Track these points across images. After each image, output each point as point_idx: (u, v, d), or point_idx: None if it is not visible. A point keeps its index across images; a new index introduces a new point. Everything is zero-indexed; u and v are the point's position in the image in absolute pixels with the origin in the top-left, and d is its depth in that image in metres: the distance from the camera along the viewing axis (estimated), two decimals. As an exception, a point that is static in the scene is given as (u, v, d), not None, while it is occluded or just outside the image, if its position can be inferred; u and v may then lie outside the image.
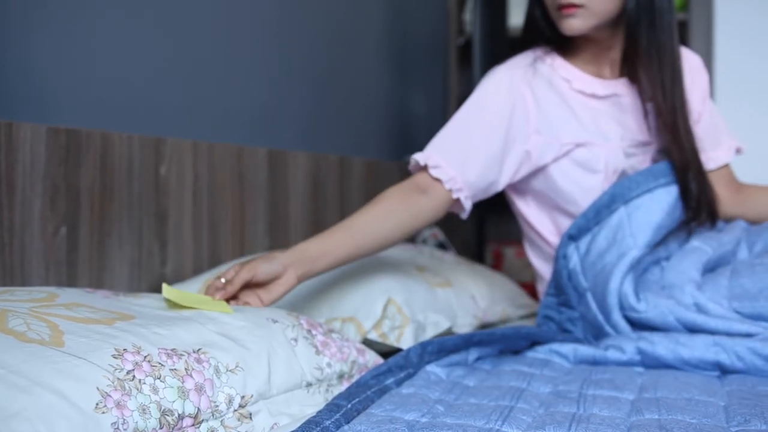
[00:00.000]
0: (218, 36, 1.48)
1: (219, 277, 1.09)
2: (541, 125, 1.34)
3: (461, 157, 1.29)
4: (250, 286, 1.10)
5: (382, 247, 1.24)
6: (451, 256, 1.69)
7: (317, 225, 1.70)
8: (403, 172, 2.12)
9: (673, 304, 1.19)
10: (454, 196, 1.28)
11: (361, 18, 2.00)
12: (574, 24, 1.30)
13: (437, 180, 1.28)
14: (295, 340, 0.98)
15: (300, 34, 1.73)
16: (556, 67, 1.38)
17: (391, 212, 1.24)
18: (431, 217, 1.29)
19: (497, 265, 2.63)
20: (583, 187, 1.35)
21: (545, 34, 1.39)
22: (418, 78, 2.35)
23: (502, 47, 2.25)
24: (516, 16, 2.48)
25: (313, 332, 1.02)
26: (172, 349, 0.83)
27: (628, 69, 1.36)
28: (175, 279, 1.34)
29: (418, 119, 2.34)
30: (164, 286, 0.98)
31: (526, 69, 1.37)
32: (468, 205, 1.31)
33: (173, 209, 1.34)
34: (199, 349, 0.85)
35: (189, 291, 1.29)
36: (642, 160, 1.38)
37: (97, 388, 0.71)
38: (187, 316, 0.93)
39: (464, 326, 1.36)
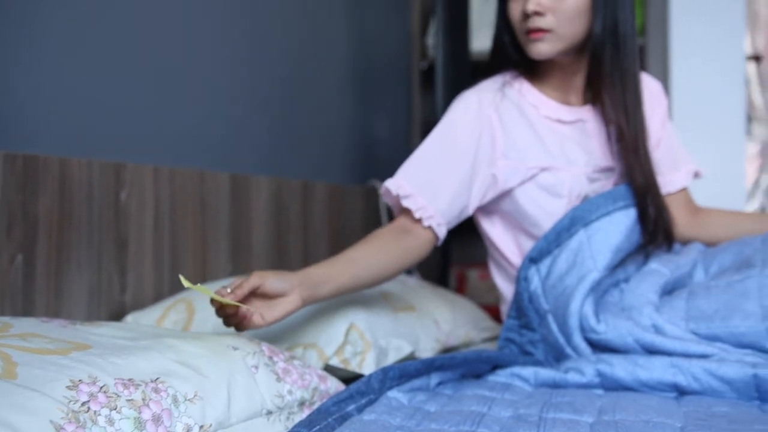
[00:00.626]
0: (179, 59, 1.48)
1: (225, 287, 1.06)
2: (507, 149, 1.36)
3: (431, 185, 1.31)
4: (255, 296, 1.08)
5: (378, 281, 1.27)
6: (415, 280, 1.70)
7: (280, 250, 1.70)
8: (367, 196, 2.13)
9: (631, 326, 1.20)
10: (426, 224, 1.30)
11: (324, 42, 2.01)
12: (541, 48, 1.33)
13: (417, 220, 1.30)
14: (256, 367, 0.97)
15: (262, 57, 1.73)
16: (524, 92, 1.40)
17: (384, 250, 1.26)
18: (421, 254, 1.32)
19: (461, 287, 2.64)
20: (547, 211, 1.37)
21: (513, 58, 1.42)
22: (382, 102, 2.37)
23: (464, 71, 2.28)
24: (478, 41, 2.52)
25: (275, 359, 1.01)
26: (129, 379, 0.82)
27: (593, 93, 1.39)
28: (135, 306, 1.33)
29: (381, 143, 2.35)
30: (181, 277, 0.96)
31: (495, 93, 1.39)
32: (441, 232, 1.33)
33: (134, 235, 1.33)
34: (157, 379, 0.84)
35: (154, 315, 1.28)
36: (604, 185, 1.40)
37: (51, 421, 0.70)
38: (146, 345, 0.92)
39: (427, 351, 1.36)
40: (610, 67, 1.34)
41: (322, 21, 2.01)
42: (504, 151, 1.36)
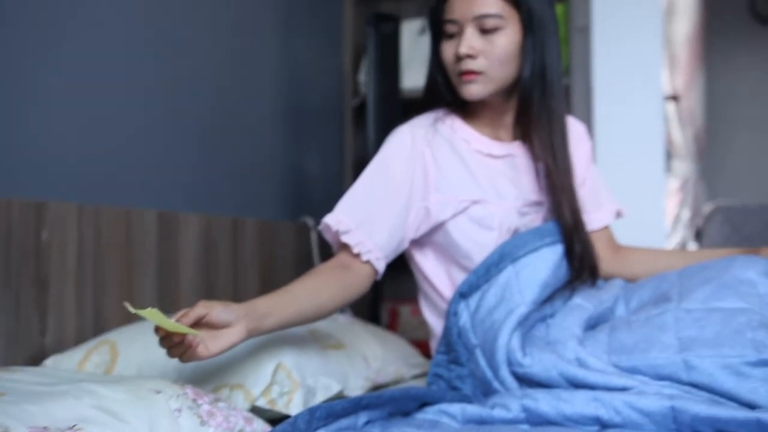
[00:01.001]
0: (103, 93, 1.46)
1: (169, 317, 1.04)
2: (439, 183, 1.39)
3: (369, 220, 1.33)
4: (200, 326, 1.06)
5: (321, 316, 1.27)
6: (345, 317, 1.69)
7: (209, 288, 1.68)
8: (299, 232, 2.13)
9: (556, 359, 1.23)
10: (364, 258, 1.31)
11: (254, 76, 2.02)
12: (473, 89, 1.37)
13: (356, 256, 1.31)
14: (179, 410, 0.95)
15: (190, 92, 1.73)
16: (456, 128, 1.44)
17: (325, 285, 1.27)
18: (361, 289, 1.33)
19: (393, 323, 2.64)
20: (479, 243, 1.39)
21: (445, 98, 1.45)
22: (314, 137, 2.38)
23: (396, 108, 2.31)
24: (409, 78, 2.56)
25: (199, 402, 1.00)
26: (43, 428, 0.79)
27: (522, 132, 1.44)
28: (56, 349, 1.29)
29: (313, 179, 2.36)
30: (127, 304, 0.93)
31: (427, 129, 1.42)
32: (380, 266, 1.34)
33: (55, 276, 1.29)
34: (74, 426, 0.82)
35: (75, 358, 1.24)
36: (534, 219, 1.44)
37: (-43, 474, 0.67)
38: (63, 391, 0.89)
39: (356, 389, 1.36)
40: (538, 108, 1.40)
41: (252, 56, 2.01)
42: (436, 184, 1.39)
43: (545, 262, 1.37)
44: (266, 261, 1.93)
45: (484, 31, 1.35)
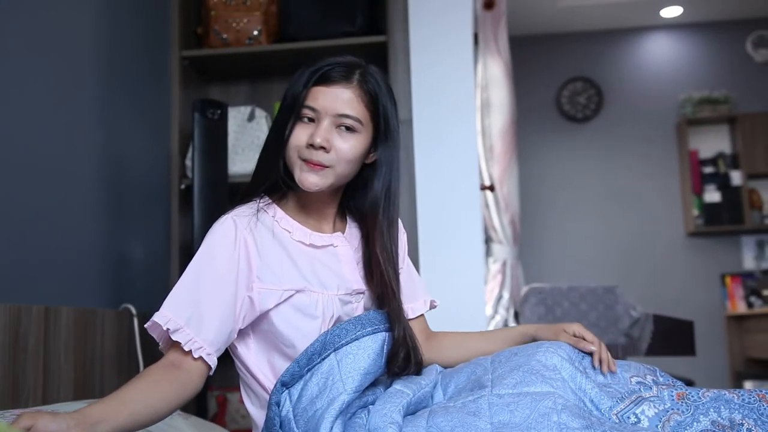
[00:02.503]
0: None
1: None
2: (262, 272, 1.38)
3: (198, 316, 1.31)
4: None
5: (156, 419, 1.23)
6: (166, 410, 1.62)
7: (15, 384, 1.56)
8: (122, 320, 2.04)
9: (376, 447, 1.24)
10: (196, 355, 1.29)
11: (73, 158, 1.95)
12: (313, 180, 1.39)
13: (187, 353, 1.29)
14: None
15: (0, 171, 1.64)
16: (278, 218, 1.45)
17: (157, 387, 1.24)
18: (195, 386, 1.30)
19: (222, 411, 2.57)
20: (302, 332, 1.40)
21: (275, 176, 1.45)
22: (139, 221, 2.31)
23: (222, 193, 2.30)
24: (237, 164, 2.57)
25: None
26: None
27: (366, 237, 1.49)
28: None
29: (137, 264, 2.28)
30: None
31: (250, 218, 1.42)
32: (213, 361, 1.32)
33: None
34: None
35: None
36: (356, 308, 1.47)
37: None
38: None
39: (175, 487, 1.30)
40: (382, 218, 1.47)
41: (72, 137, 1.95)
42: (259, 273, 1.38)
43: (366, 351, 1.39)
44: (84, 351, 1.83)
45: (340, 129, 1.39)
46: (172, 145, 2.56)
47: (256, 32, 2.63)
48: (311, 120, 1.39)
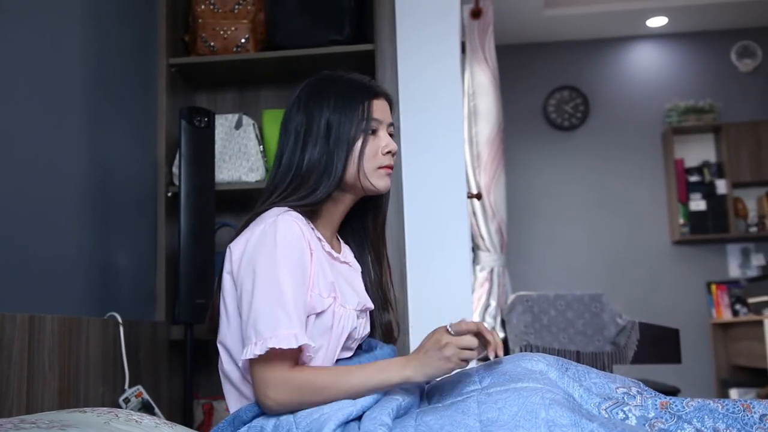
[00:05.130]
0: None
1: None
2: (314, 278, 1.41)
3: (297, 319, 1.33)
4: None
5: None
6: (150, 419, 1.61)
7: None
8: (107, 329, 2.02)
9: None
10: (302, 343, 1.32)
11: (58, 165, 1.94)
12: (389, 182, 1.51)
13: (300, 348, 1.34)
14: None
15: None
16: (312, 227, 1.46)
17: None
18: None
19: (208, 419, 2.56)
20: (317, 343, 1.40)
21: (334, 183, 1.44)
22: (125, 228, 2.30)
23: (209, 201, 2.30)
24: (223, 172, 2.56)
25: None
26: None
27: (375, 251, 1.58)
28: None
29: (123, 271, 2.27)
30: None
31: (305, 223, 1.42)
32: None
33: None
34: None
35: None
36: (364, 324, 1.52)
37: None
38: None
39: (160, 496, 1.29)
40: (383, 220, 1.60)
41: (57, 144, 1.94)
42: (313, 278, 1.40)
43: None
44: (69, 360, 1.82)
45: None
46: (159, 153, 2.55)
47: (243, 40, 2.63)
48: (376, 131, 1.48)
